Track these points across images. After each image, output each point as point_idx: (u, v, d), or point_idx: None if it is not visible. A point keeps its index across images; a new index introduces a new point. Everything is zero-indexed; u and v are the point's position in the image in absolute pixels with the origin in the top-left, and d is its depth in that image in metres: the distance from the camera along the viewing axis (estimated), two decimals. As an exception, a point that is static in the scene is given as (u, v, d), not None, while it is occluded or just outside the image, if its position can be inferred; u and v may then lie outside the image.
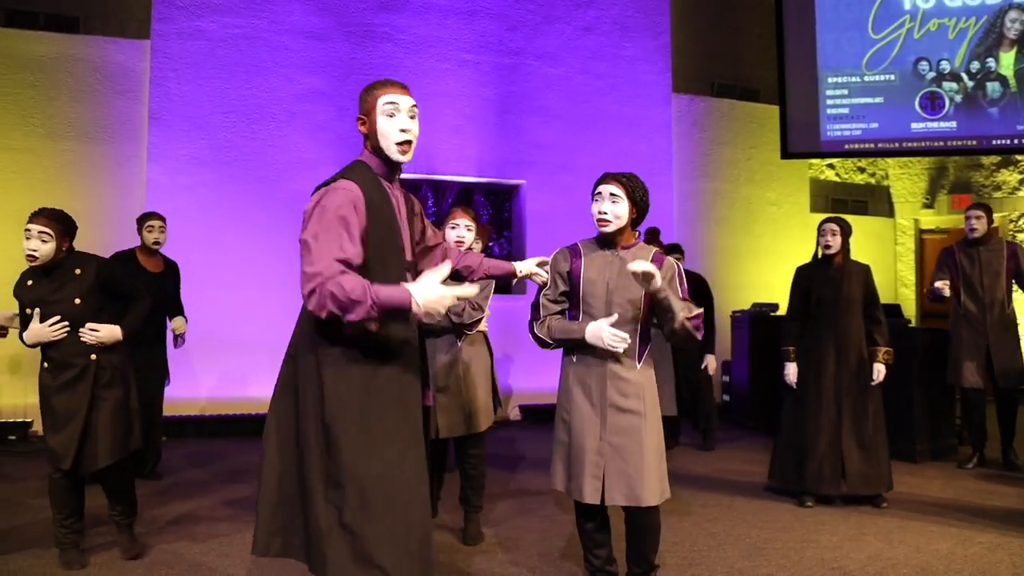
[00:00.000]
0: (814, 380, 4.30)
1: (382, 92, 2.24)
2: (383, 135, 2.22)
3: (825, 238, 4.31)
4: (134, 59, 6.32)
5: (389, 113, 2.22)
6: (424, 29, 6.98)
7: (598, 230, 2.74)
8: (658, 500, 2.64)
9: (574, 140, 7.28)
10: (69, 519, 3.20)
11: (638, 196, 2.69)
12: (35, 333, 3.11)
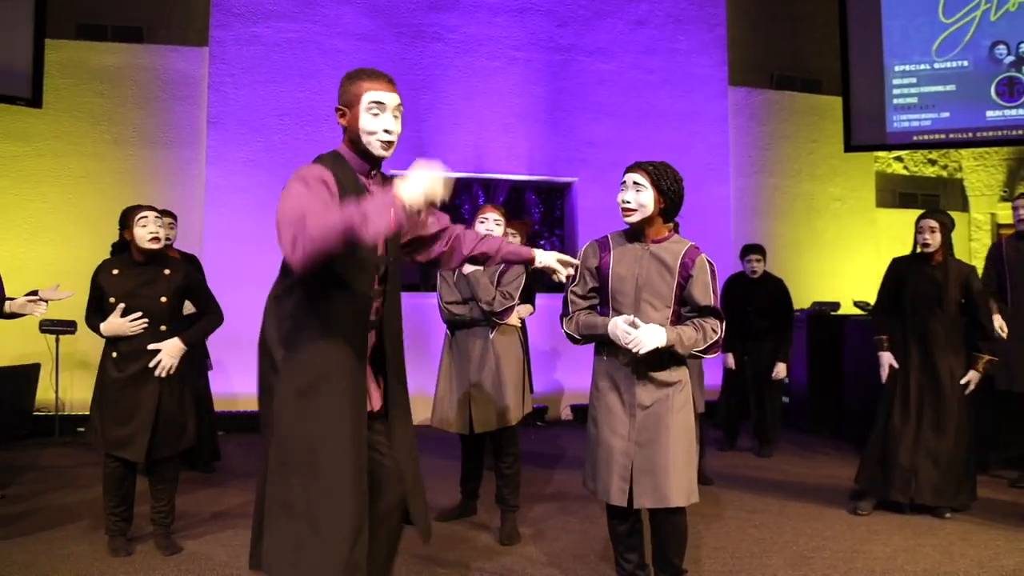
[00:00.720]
0: (898, 381, 4.09)
1: (368, 87, 2.11)
2: (365, 133, 2.11)
3: (923, 236, 3.99)
4: (194, 66, 6.53)
5: (374, 112, 2.11)
6: (474, 28, 6.99)
7: (624, 220, 2.65)
8: (685, 501, 2.56)
9: (626, 136, 7.16)
10: (120, 507, 3.32)
11: (664, 185, 2.56)
12: (116, 326, 3.21)
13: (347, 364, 2.08)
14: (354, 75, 2.16)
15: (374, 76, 2.15)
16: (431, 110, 6.88)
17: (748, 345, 5.47)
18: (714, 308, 2.59)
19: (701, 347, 2.56)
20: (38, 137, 6.22)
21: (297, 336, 2.08)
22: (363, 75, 2.15)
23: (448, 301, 3.75)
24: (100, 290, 3.28)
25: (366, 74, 2.16)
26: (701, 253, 2.63)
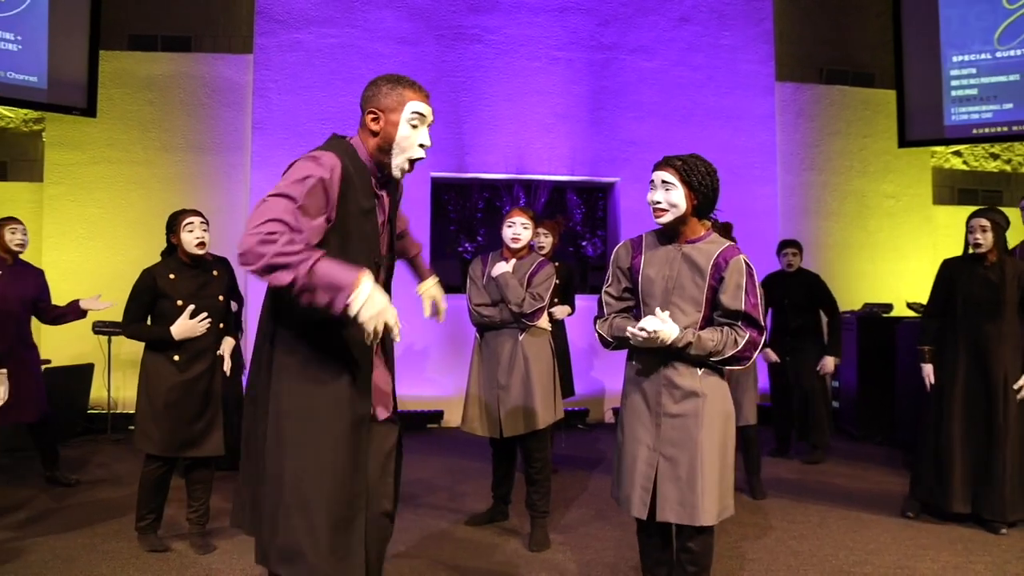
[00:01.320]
0: (943, 389, 3.93)
1: (412, 96, 2.05)
2: (401, 145, 2.04)
3: (974, 235, 3.83)
4: (239, 73, 6.67)
5: (414, 124, 2.05)
6: (514, 28, 6.96)
7: (655, 221, 2.51)
8: (714, 520, 2.42)
9: (670, 135, 7.03)
10: (157, 507, 3.42)
11: (696, 180, 2.41)
12: (187, 328, 3.30)
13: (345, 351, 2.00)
14: (395, 80, 2.08)
15: (416, 86, 2.09)
16: (471, 112, 6.88)
17: (788, 343, 5.30)
18: (745, 314, 2.43)
19: (722, 354, 2.42)
20: (92, 145, 6.44)
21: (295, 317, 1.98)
22: (405, 82, 2.08)
23: (477, 304, 3.73)
24: (158, 294, 3.34)
25: (408, 82, 2.08)
26: (739, 254, 2.47)
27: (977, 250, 3.83)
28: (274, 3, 6.62)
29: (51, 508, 4.09)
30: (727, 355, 2.43)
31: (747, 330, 2.45)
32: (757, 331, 2.47)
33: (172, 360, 3.33)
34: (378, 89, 2.07)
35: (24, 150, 6.49)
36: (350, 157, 2.02)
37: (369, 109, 2.07)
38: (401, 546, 3.54)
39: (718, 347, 2.42)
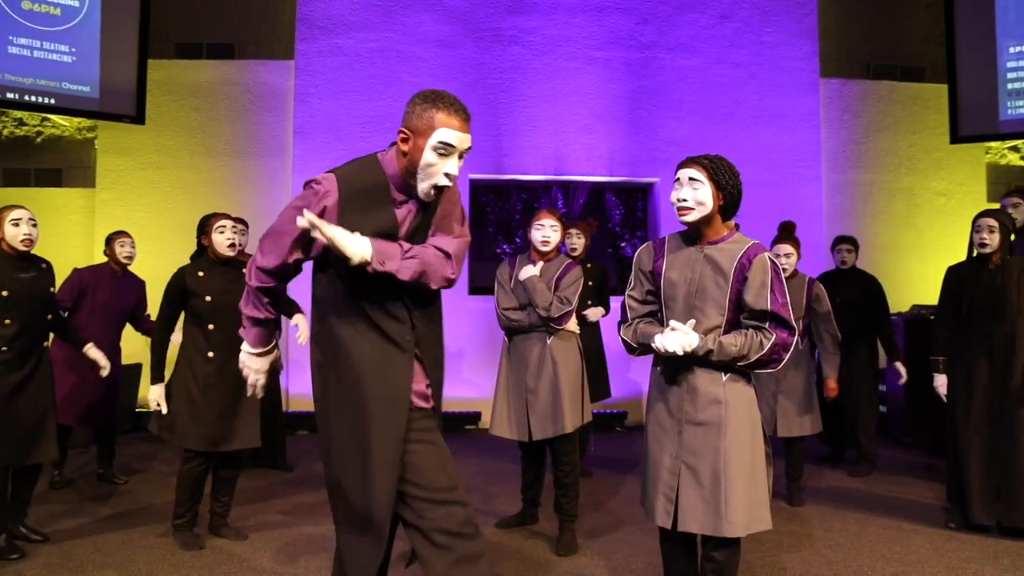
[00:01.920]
0: (963, 395, 3.81)
1: (443, 122, 1.96)
2: (424, 172, 1.99)
3: (980, 235, 3.74)
4: (281, 79, 6.81)
5: (441, 152, 1.97)
6: (552, 29, 6.94)
7: (679, 220, 2.44)
8: (741, 532, 2.34)
9: (710, 134, 6.92)
10: (195, 504, 3.49)
11: (723, 179, 2.35)
12: None
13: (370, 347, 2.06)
14: (430, 100, 1.99)
15: (452, 110, 1.98)
16: (509, 113, 6.88)
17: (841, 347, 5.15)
18: (773, 314, 2.35)
19: (748, 358, 2.35)
20: (141, 151, 6.65)
21: (325, 310, 2.12)
22: (440, 104, 1.98)
23: (505, 308, 3.72)
24: (188, 292, 3.44)
25: (444, 104, 1.98)
26: (763, 252, 2.39)
27: (983, 250, 3.76)
28: (315, 9, 6.73)
29: (94, 503, 4.24)
30: (753, 359, 2.35)
31: (775, 331, 2.37)
32: (787, 331, 2.38)
33: (207, 358, 3.41)
34: (413, 107, 2.01)
35: (78, 157, 6.74)
36: (364, 172, 2.04)
37: (401, 127, 2.01)
38: (428, 547, 3.56)
39: (742, 351, 2.35)
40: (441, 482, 2.04)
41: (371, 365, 2.04)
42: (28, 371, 3.32)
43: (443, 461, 2.08)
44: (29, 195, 6.65)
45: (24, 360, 3.31)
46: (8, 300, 3.27)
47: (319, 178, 2.02)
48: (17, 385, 3.28)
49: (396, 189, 2.06)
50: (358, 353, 2.04)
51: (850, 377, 5.12)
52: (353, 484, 2.04)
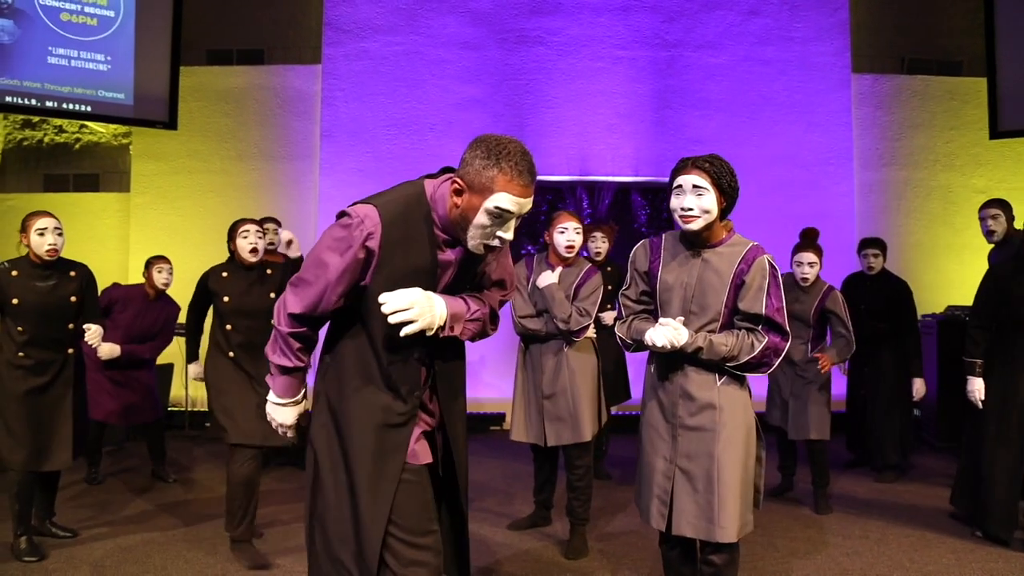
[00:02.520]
0: (998, 402, 3.67)
1: (504, 187, 1.78)
2: (475, 232, 1.85)
3: (986, 224, 3.75)
4: (308, 83, 6.91)
5: (497, 215, 1.82)
6: (577, 29, 6.91)
7: (681, 228, 2.40)
8: (734, 537, 2.32)
9: (738, 133, 6.82)
10: (250, 502, 3.36)
11: (725, 182, 2.30)
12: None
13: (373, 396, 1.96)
14: (493, 157, 1.79)
15: (515, 172, 1.79)
16: (534, 114, 6.88)
17: (864, 352, 5.03)
18: (766, 318, 2.32)
19: (738, 359, 2.32)
20: (173, 156, 6.82)
21: (332, 346, 2.03)
22: (504, 164, 1.78)
23: (522, 315, 3.68)
24: (210, 292, 3.55)
25: (508, 165, 1.78)
26: (763, 255, 2.35)
27: (990, 238, 3.84)
28: (341, 14, 6.82)
29: (123, 502, 4.36)
30: (742, 361, 2.33)
31: (768, 334, 2.35)
32: (780, 336, 2.37)
33: (228, 357, 3.47)
34: (473, 159, 1.81)
35: (114, 162, 6.94)
36: (413, 211, 1.89)
37: (458, 176, 1.84)
38: (438, 549, 3.58)
39: (732, 352, 2.33)
40: (421, 525, 1.95)
41: (371, 417, 1.94)
42: (48, 378, 3.39)
43: (426, 502, 1.97)
44: (68, 200, 6.88)
45: (43, 367, 3.38)
46: (19, 308, 3.33)
47: (358, 212, 1.85)
48: (34, 391, 3.35)
49: (442, 231, 1.92)
50: (360, 402, 1.95)
51: (875, 383, 4.99)
52: (342, 529, 1.95)
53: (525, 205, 1.84)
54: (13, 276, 3.37)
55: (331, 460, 1.98)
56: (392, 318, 1.83)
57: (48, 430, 3.40)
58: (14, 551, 3.38)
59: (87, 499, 4.35)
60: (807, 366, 4.25)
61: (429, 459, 2.02)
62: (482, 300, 2.07)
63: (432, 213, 1.91)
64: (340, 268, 1.87)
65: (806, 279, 4.22)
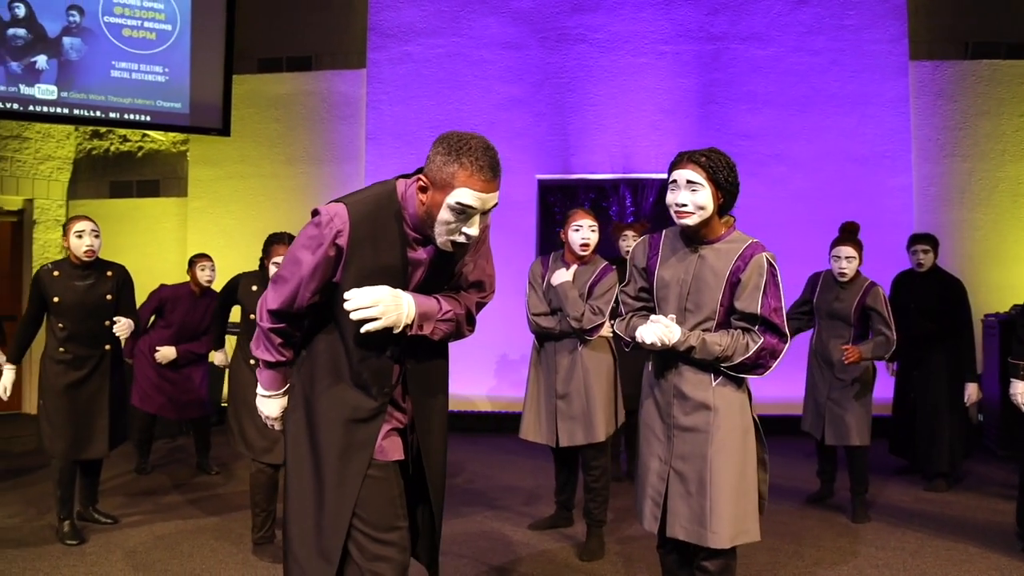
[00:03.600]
0: None
1: (464, 182, 1.78)
2: (440, 229, 1.85)
3: None
4: (354, 87, 7.06)
5: (460, 211, 1.81)
6: (618, 25, 6.83)
7: (677, 223, 2.36)
8: (726, 544, 2.25)
9: (787, 127, 6.60)
10: (272, 503, 3.47)
11: (721, 177, 2.25)
12: None
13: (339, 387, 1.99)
14: (456, 151, 1.80)
15: (475, 167, 1.79)
16: (576, 112, 6.83)
17: (913, 354, 4.80)
18: (763, 318, 2.25)
19: (732, 360, 2.25)
20: (226, 161, 7.09)
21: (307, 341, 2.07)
22: (463, 159, 1.79)
23: (536, 313, 3.68)
24: (234, 299, 3.72)
25: (468, 160, 1.79)
26: (761, 252, 2.28)
27: None
28: (385, 18, 6.94)
29: (165, 492, 4.56)
30: (736, 362, 2.27)
31: (764, 336, 2.28)
32: (777, 337, 2.30)
33: (249, 364, 3.54)
34: (435, 154, 1.83)
35: (173, 169, 7.26)
36: (382, 208, 1.91)
37: (423, 173, 1.85)
38: (453, 544, 3.61)
39: (726, 352, 2.27)
40: (387, 521, 1.95)
41: (340, 412, 1.97)
42: (86, 373, 3.60)
43: (392, 498, 1.97)
44: (131, 205, 7.25)
45: (82, 362, 3.59)
46: (60, 305, 3.56)
47: (328, 210, 1.89)
48: (73, 384, 3.57)
49: (413, 229, 1.94)
50: (330, 397, 1.98)
51: (924, 386, 4.75)
52: (304, 523, 1.98)
53: (488, 200, 1.84)
54: (55, 276, 3.58)
55: (301, 453, 2.02)
56: (354, 315, 1.86)
57: (86, 421, 3.60)
58: (58, 534, 3.60)
59: (133, 488, 4.58)
60: (847, 368, 4.08)
61: (398, 456, 2.04)
62: (458, 301, 2.08)
63: (403, 211, 1.93)
64: (312, 265, 1.92)
65: (844, 274, 4.06)
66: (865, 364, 4.08)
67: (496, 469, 5.25)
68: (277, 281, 1.99)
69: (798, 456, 5.41)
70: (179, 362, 4.83)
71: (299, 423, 2.04)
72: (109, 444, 3.68)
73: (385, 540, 1.95)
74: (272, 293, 2.00)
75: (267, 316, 2.02)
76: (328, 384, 2.01)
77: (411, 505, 2.12)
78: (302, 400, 2.05)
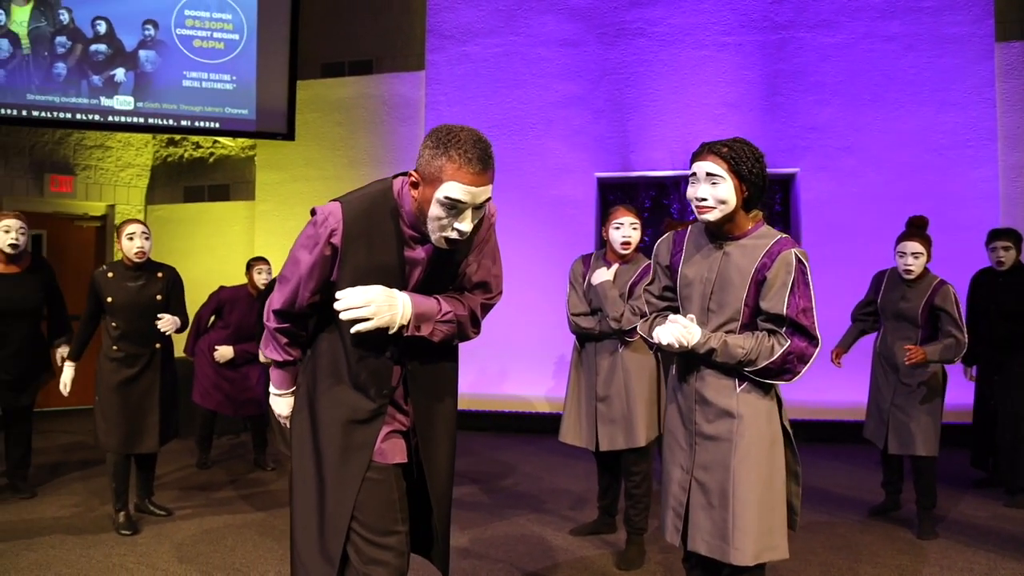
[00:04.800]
0: None
1: (452, 176, 1.75)
2: (432, 224, 1.82)
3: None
4: (413, 89, 7.12)
5: (450, 206, 1.78)
6: (678, 18, 6.64)
7: (699, 219, 2.24)
8: (750, 561, 2.11)
9: (858, 117, 6.26)
10: None
11: (745, 169, 2.12)
12: None
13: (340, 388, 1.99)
14: (444, 144, 1.76)
15: (463, 160, 1.74)
16: (636, 108, 6.69)
17: (994, 358, 4.47)
18: (790, 319, 2.11)
19: (755, 364, 2.11)
20: (292, 165, 7.28)
21: (312, 341, 2.09)
22: (451, 152, 1.75)
23: (576, 313, 3.61)
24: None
25: (456, 153, 1.74)
26: (789, 248, 2.13)
27: None
28: (443, 20, 6.97)
29: (220, 487, 4.71)
30: (761, 366, 2.13)
31: (791, 338, 2.13)
32: (806, 340, 2.14)
33: None
34: (425, 149, 1.80)
35: (241, 173, 7.51)
36: (378, 206, 1.90)
37: (415, 168, 1.83)
38: (490, 547, 3.57)
39: (750, 355, 2.13)
40: (384, 525, 1.93)
41: (339, 413, 1.97)
42: (137, 370, 3.75)
43: (391, 502, 1.95)
44: (203, 209, 7.54)
45: (133, 360, 3.75)
46: (113, 305, 3.73)
47: (324, 209, 1.90)
48: (125, 381, 3.72)
49: (409, 227, 1.92)
50: (330, 397, 1.99)
51: (1005, 394, 4.41)
52: (308, 521, 1.99)
53: (479, 194, 1.79)
54: (109, 277, 3.74)
55: (305, 453, 2.03)
56: (344, 315, 1.84)
57: (138, 417, 3.75)
58: (114, 524, 3.77)
59: (191, 482, 4.75)
60: (913, 372, 3.82)
61: (400, 459, 2.01)
62: (461, 302, 2.03)
63: (400, 209, 1.91)
64: (309, 264, 1.93)
65: (910, 271, 3.80)
66: (933, 368, 3.81)
67: (547, 471, 5.18)
68: (281, 281, 2.01)
69: (867, 465, 5.12)
70: (236, 361, 4.98)
71: (303, 423, 2.04)
72: (160, 440, 3.81)
73: (382, 544, 1.92)
74: (277, 293, 2.03)
75: (272, 316, 2.05)
76: (329, 384, 2.01)
77: (423, 509, 2.09)
78: (306, 400, 2.05)
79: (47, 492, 4.46)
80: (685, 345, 2.15)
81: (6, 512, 4.06)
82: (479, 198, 1.79)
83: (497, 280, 2.12)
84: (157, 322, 3.74)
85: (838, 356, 4.30)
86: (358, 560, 1.93)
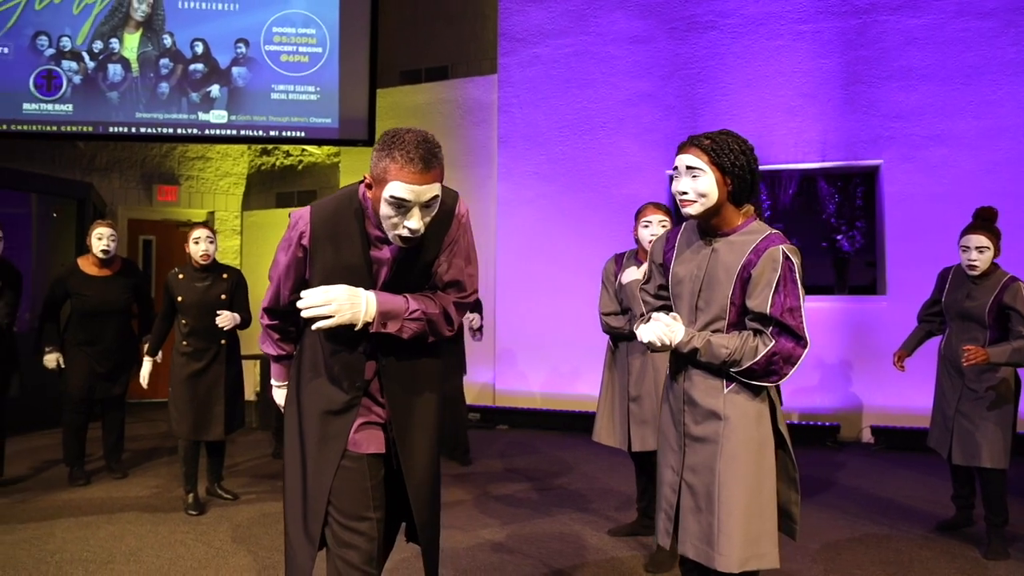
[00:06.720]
0: None
1: (395, 175, 1.83)
2: (385, 224, 1.90)
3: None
4: (486, 93, 7.27)
5: (397, 205, 1.85)
6: (751, 8, 6.44)
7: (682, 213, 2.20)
8: (735, 568, 2.05)
9: (947, 104, 5.86)
10: None
11: (727, 161, 2.06)
12: None
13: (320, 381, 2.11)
14: (389, 145, 1.86)
15: (405, 160, 1.82)
16: (707, 103, 6.54)
17: None
18: (774, 319, 2.05)
19: (739, 364, 2.06)
20: (372, 171, 7.59)
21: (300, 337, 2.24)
22: (395, 153, 1.84)
23: (606, 313, 3.61)
24: None
25: (399, 153, 1.83)
26: (778, 245, 2.07)
27: None
28: (515, 24, 7.08)
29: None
30: (744, 366, 2.07)
31: (776, 338, 2.06)
32: (793, 341, 2.05)
33: None
34: (374, 151, 1.90)
35: (327, 179, 7.91)
36: (341, 206, 2.01)
37: (366, 175, 1.94)
38: (524, 543, 3.63)
39: (734, 355, 2.06)
40: (356, 510, 2.04)
41: (317, 404, 2.10)
42: (204, 364, 4.07)
43: (364, 489, 2.05)
44: (293, 214, 7.99)
45: (201, 355, 4.07)
46: (183, 304, 4.08)
47: (296, 213, 2.06)
48: (194, 374, 4.05)
49: (375, 227, 1.99)
50: (311, 389, 2.12)
51: None
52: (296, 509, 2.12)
53: (423, 193, 1.85)
54: (180, 278, 4.08)
55: (292, 442, 2.18)
56: (305, 312, 1.95)
57: (205, 407, 4.07)
58: (183, 504, 4.10)
59: (264, 470, 5.07)
60: (981, 377, 3.57)
61: (375, 449, 2.11)
62: (432, 300, 2.10)
63: (365, 211, 2.00)
64: (285, 265, 2.10)
65: (974, 267, 3.54)
66: (1003, 372, 3.54)
67: (603, 471, 5.18)
68: (269, 282, 2.18)
69: (941, 475, 4.79)
70: None
71: (292, 413, 2.19)
72: (225, 428, 4.12)
73: (354, 528, 2.04)
74: (266, 293, 2.21)
75: (263, 314, 2.24)
76: (310, 377, 2.15)
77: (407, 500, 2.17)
78: (294, 392, 2.20)
79: (137, 474, 4.90)
80: (668, 344, 2.13)
81: (99, 490, 4.50)
82: (423, 196, 1.85)
83: (471, 279, 2.18)
84: (216, 319, 4.03)
85: (900, 359, 4.06)
86: (333, 543, 2.05)
